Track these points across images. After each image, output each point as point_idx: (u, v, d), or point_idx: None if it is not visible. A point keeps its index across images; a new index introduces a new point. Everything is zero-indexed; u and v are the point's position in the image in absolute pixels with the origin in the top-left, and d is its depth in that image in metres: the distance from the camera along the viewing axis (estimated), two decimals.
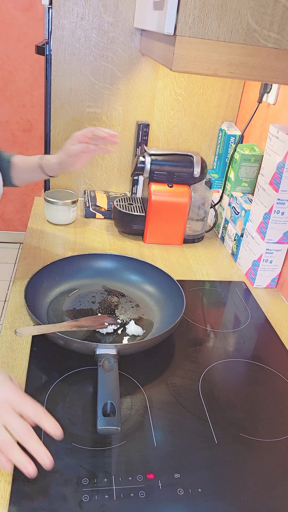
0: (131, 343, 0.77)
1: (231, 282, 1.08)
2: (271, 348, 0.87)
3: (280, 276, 1.06)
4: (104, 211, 1.31)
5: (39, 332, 0.73)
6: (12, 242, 3.04)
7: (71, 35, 1.21)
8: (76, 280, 0.97)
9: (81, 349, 0.75)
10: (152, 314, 0.90)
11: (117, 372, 0.68)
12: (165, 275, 0.94)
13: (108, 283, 0.98)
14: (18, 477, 0.57)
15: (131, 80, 1.29)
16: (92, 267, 0.99)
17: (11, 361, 0.76)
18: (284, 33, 0.64)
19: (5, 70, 2.52)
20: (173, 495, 0.57)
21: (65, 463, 0.60)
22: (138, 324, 0.86)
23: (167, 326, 0.82)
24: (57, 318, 0.85)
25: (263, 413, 0.72)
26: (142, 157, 1.16)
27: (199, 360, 0.81)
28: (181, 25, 0.63)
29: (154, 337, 0.76)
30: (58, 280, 0.94)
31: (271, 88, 1.14)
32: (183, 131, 1.39)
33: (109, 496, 0.56)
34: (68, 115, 1.31)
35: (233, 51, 0.65)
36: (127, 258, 1.00)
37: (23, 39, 2.45)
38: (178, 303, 0.87)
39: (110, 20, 1.20)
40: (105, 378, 0.67)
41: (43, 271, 0.91)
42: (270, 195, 0.98)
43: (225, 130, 1.34)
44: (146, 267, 0.98)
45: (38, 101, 2.61)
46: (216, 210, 1.30)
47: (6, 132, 2.69)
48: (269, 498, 0.59)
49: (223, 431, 0.68)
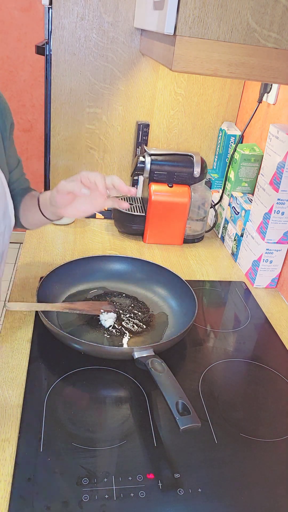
0: (165, 341, 0.77)
1: (231, 282, 1.08)
2: (271, 348, 0.87)
3: (280, 276, 1.06)
4: (104, 211, 1.31)
5: (29, 309, 0.73)
6: (12, 242, 3.02)
7: (71, 35, 1.21)
8: (86, 282, 0.96)
9: (118, 356, 0.76)
10: (164, 310, 0.91)
11: (169, 371, 0.69)
12: (173, 275, 0.95)
13: (115, 285, 0.97)
14: (18, 477, 0.57)
15: (131, 80, 1.29)
16: (102, 269, 0.99)
17: (11, 361, 0.76)
18: (284, 33, 0.64)
19: (5, 70, 2.52)
20: (173, 495, 0.57)
21: (65, 463, 0.60)
22: (151, 320, 0.88)
23: (184, 320, 0.84)
24: (66, 320, 0.85)
25: (263, 413, 0.72)
26: (142, 157, 1.16)
27: (199, 360, 0.81)
28: (181, 25, 0.63)
29: (182, 332, 0.77)
30: (69, 282, 0.94)
31: (271, 88, 1.14)
32: (183, 131, 1.39)
33: (109, 496, 0.56)
34: (68, 115, 1.31)
35: (233, 51, 0.65)
36: (138, 260, 1.00)
37: (23, 39, 2.45)
38: (188, 296, 0.89)
39: (110, 20, 1.20)
40: (163, 379, 0.67)
41: (55, 272, 0.91)
42: (270, 195, 0.98)
43: (225, 130, 1.34)
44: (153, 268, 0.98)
45: (38, 101, 2.61)
46: (216, 210, 1.30)
47: None
48: (269, 498, 0.59)
49: (223, 431, 0.67)
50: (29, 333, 0.82)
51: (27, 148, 2.74)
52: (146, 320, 0.88)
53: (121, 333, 0.84)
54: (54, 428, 0.64)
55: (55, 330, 0.75)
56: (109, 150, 1.38)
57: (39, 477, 0.57)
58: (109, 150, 1.38)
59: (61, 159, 1.37)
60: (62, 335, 0.75)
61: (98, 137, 1.36)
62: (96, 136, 1.35)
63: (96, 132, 1.35)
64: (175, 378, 0.67)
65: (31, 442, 0.62)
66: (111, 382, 0.74)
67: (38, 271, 1.02)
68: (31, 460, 0.59)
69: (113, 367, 0.76)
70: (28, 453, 0.60)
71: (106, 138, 1.36)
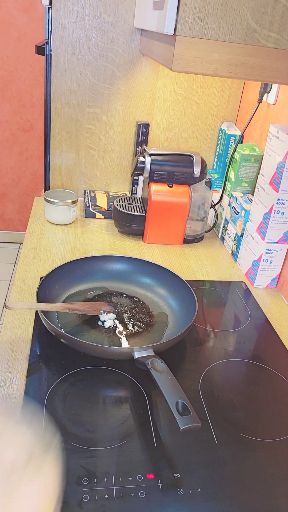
0: (165, 341, 0.77)
1: (231, 282, 1.08)
2: (271, 348, 0.87)
3: (280, 276, 1.06)
4: (104, 211, 1.31)
5: (30, 308, 0.73)
6: (12, 242, 3.04)
7: (71, 35, 1.21)
8: (86, 282, 0.96)
9: (118, 356, 0.76)
10: (164, 310, 0.91)
11: (169, 371, 0.69)
12: (173, 275, 0.95)
13: (115, 285, 0.97)
14: None
15: (131, 80, 1.29)
16: (102, 269, 0.99)
17: (11, 361, 0.76)
18: (284, 33, 0.64)
19: (5, 70, 2.52)
20: (173, 495, 0.57)
21: (65, 463, 0.60)
22: (152, 320, 0.88)
23: (184, 320, 0.84)
24: (66, 320, 0.85)
25: (263, 413, 0.72)
26: (142, 157, 1.16)
27: (199, 360, 0.81)
28: (181, 25, 0.63)
29: (182, 332, 0.77)
30: (69, 282, 0.94)
31: (271, 88, 1.14)
32: (183, 131, 1.39)
33: (109, 496, 0.56)
34: (68, 115, 1.31)
35: (233, 51, 0.65)
36: (138, 260, 1.00)
37: (23, 39, 2.45)
38: (188, 296, 0.89)
39: (110, 20, 1.20)
40: (163, 379, 0.67)
41: (55, 272, 0.91)
42: (270, 195, 0.98)
43: (225, 130, 1.34)
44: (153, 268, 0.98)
45: (38, 101, 2.62)
46: (216, 210, 1.30)
47: (6, 132, 2.69)
48: (269, 498, 0.59)
49: (223, 431, 0.67)
50: (29, 333, 0.82)
51: (27, 148, 2.74)
52: (146, 320, 0.88)
53: (121, 333, 0.84)
54: (54, 428, 0.64)
55: (55, 330, 0.75)
56: (109, 150, 1.38)
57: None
58: (109, 150, 1.38)
59: (61, 159, 1.37)
60: (62, 335, 0.75)
61: (98, 137, 1.36)
62: (96, 136, 1.36)
63: (96, 132, 1.35)
64: (175, 378, 0.67)
65: None
66: (111, 382, 0.74)
67: (38, 271, 1.02)
68: None
69: (113, 367, 0.76)
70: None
71: (106, 138, 1.36)
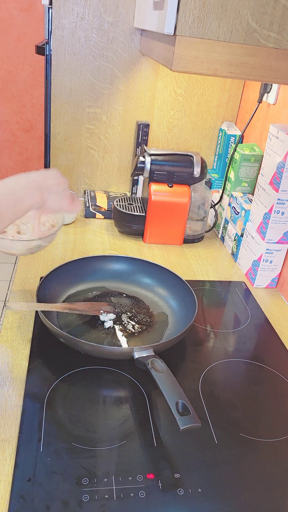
0: (165, 341, 0.77)
1: (231, 282, 1.08)
2: (271, 348, 0.87)
3: (280, 276, 1.06)
4: (104, 211, 1.31)
5: (29, 308, 0.73)
6: None
7: (71, 35, 1.21)
8: (86, 282, 0.96)
9: (118, 356, 0.76)
10: (164, 310, 0.91)
11: (169, 371, 0.69)
12: (173, 275, 0.95)
13: (115, 285, 0.97)
14: (18, 477, 0.57)
15: (131, 80, 1.29)
16: (102, 269, 0.99)
17: (11, 361, 0.76)
18: (284, 33, 0.64)
19: (5, 70, 2.52)
20: (173, 495, 0.57)
21: (65, 463, 0.60)
22: (152, 320, 0.88)
23: (184, 320, 0.84)
24: (66, 320, 0.85)
25: (263, 413, 0.72)
26: (142, 157, 1.16)
27: (199, 360, 0.81)
28: (181, 25, 0.63)
29: (182, 332, 0.77)
30: (69, 282, 0.94)
31: (271, 88, 1.14)
32: (183, 131, 1.39)
33: (109, 496, 0.56)
34: (68, 115, 1.31)
35: (233, 51, 0.65)
36: (138, 260, 1.00)
37: (23, 39, 2.45)
38: (188, 296, 0.89)
39: (110, 20, 1.20)
40: (163, 379, 0.67)
41: (55, 272, 0.91)
42: (270, 195, 0.98)
43: (225, 130, 1.34)
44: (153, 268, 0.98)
45: (38, 101, 2.62)
46: (216, 210, 1.30)
47: (6, 132, 2.69)
48: (269, 498, 0.59)
49: (223, 431, 0.67)
50: (29, 333, 0.82)
51: (27, 148, 2.74)
52: (146, 320, 0.88)
53: (121, 333, 0.84)
54: (54, 428, 0.64)
55: (55, 330, 0.75)
56: (109, 150, 1.38)
57: (39, 477, 0.57)
58: (109, 150, 1.38)
59: (61, 159, 1.37)
60: (62, 335, 0.75)
61: (98, 137, 1.36)
62: (96, 136, 1.36)
63: (96, 132, 1.35)
64: (175, 378, 0.67)
65: (31, 442, 0.62)
66: (111, 382, 0.74)
67: (38, 271, 1.02)
68: (31, 460, 0.59)
69: (113, 367, 0.76)
70: (28, 453, 0.60)
71: (106, 138, 1.36)
